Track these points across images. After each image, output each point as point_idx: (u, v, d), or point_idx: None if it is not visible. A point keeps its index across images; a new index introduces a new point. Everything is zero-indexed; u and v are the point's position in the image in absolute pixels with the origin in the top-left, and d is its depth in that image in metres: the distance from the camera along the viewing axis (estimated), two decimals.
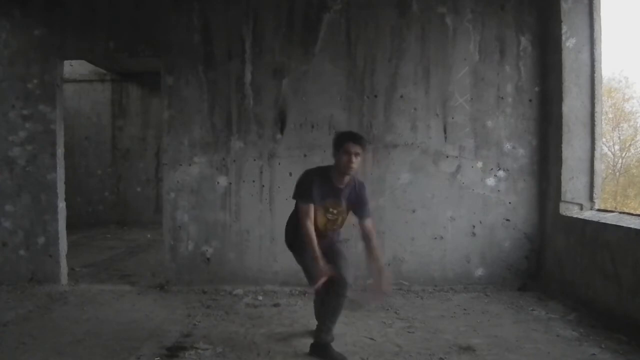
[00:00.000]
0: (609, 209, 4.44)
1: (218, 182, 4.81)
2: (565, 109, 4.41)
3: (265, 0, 4.76)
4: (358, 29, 4.75)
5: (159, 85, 4.92)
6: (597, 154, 4.43)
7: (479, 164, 4.78)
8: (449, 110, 4.77)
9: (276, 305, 4.25)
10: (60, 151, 4.89)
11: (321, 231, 3.11)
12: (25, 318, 3.90)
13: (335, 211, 3.14)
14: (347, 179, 3.10)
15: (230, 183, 4.81)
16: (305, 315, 3.92)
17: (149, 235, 8.25)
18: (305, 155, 4.73)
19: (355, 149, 2.99)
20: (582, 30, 4.38)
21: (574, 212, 4.40)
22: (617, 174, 17.75)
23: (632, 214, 4.01)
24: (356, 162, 3.00)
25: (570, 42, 4.39)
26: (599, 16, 4.37)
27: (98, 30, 4.83)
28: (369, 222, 3.19)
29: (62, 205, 4.92)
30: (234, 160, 4.80)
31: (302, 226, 3.04)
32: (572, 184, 4.44)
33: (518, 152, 4.78)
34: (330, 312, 3.07)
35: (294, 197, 3.18)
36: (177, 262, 4.83)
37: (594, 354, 3.14)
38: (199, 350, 3.20)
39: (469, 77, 4.76)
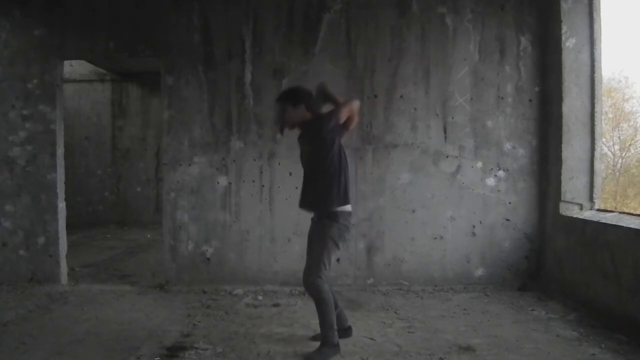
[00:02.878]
0: (609, 209, 4.43)
1: (218, 182, 4.81)
2: (565, 109, 4.41)
3: (265, 0, 4.76)
4: (358, 29, 4.76)
5: (159, 85, 4.93)
6: (597, 154, 4.43)
7: (479, 164, 4.78)
8: (449, 110, 4.77)
9: (276, 305, 4.25)
10: (60, 151, 4.89)
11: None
12: (25, 318, 3.90)
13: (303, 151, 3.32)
14: (302, 125, 3.24)
15: (230, 183, 4.81)
16: (305, 315, 3.92)
17: (149, 235, 8.26)
18: None
19: (280, 106, 3.23)
20: (582, 30, 4.38)
21: (574, 212, 4.40)
22: (617, 174, 17.74)
23: (632, 214, 4.00)
24: (286, 116, 3.21)
25: (570, 42, 4.39)
26: (599, 16, 4.37)
27: (98, 30, 4.83)
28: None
29: (62, 205, 4.93)
30: (234, 160, 4.80)
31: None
32: (572, 184, 4.44)
33: (518, 152, 4.78)
34: (317, 312, 3.11)
35: None
36: (177, 262, 4.83)
37: (594, 354, 3.14)
38: (199, 350, 3.20)
39: (469, 77, 4.76)
